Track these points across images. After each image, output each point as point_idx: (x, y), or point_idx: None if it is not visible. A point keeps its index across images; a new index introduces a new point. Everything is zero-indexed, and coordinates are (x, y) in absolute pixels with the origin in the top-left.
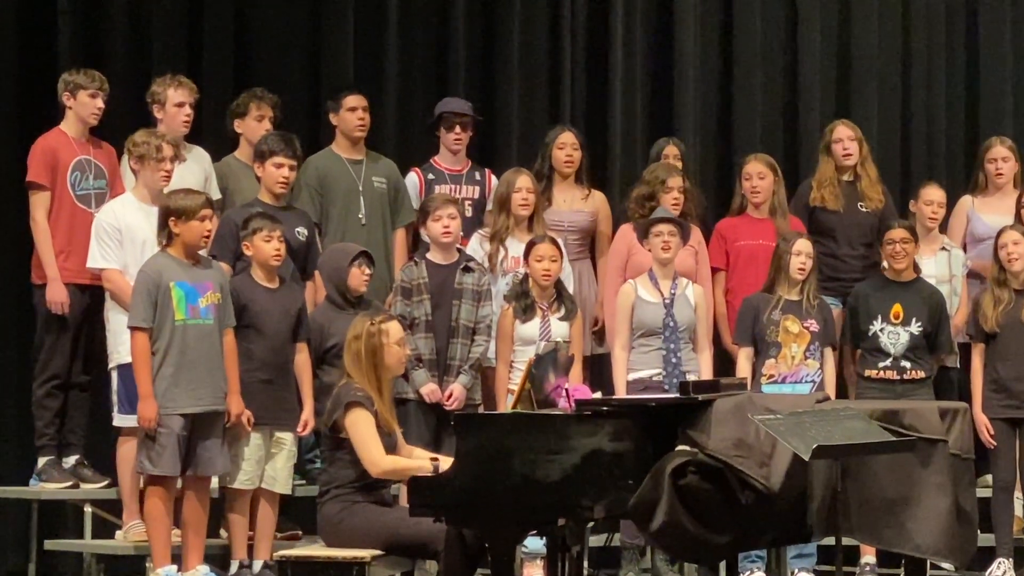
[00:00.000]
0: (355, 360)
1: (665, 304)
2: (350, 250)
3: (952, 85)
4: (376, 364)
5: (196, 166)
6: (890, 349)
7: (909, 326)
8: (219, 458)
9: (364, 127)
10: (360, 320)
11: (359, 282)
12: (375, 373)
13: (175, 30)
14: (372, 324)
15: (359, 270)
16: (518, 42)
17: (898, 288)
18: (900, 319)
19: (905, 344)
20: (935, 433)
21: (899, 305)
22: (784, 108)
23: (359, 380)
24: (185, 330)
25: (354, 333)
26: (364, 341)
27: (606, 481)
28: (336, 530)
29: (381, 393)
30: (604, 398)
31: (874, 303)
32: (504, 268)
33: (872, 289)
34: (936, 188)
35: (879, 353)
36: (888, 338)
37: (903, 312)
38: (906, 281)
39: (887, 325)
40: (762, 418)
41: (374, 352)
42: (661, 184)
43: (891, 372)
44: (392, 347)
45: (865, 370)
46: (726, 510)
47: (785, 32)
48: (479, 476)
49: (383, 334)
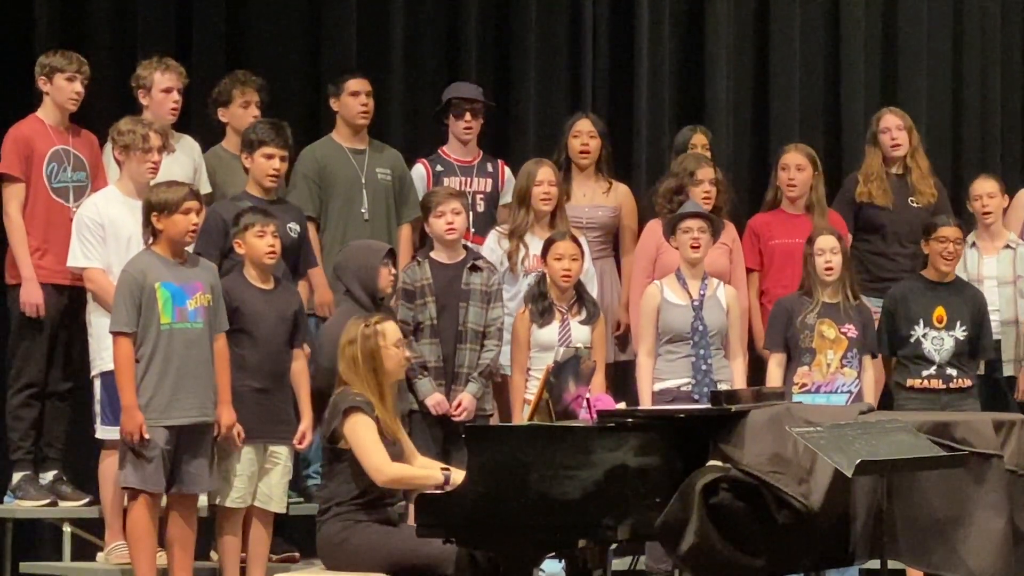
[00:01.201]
0: (352, 365)
1: (694, 307)
2: (378, 248)
3: (1008, 69)
4: (375, 368)
5: (185, 157)
6: (934, 356)
7: (954, 331)
8: (206, 474)
9: (367, 114)
10: (353, 322)
11: (387, 282)
12: (375, 378)
13: (162, 9)
14: (367, 326)
15: (387, 269)
16: (536, 22)
17: (939, 290)
18: (944, 323)
19: (951, 350)
20: (989, 447)
21: (942, 308)
22: (825, 95)
23: (357, 387)
24: (171, 335)
25: (348, 337)
26: (360, 344)
27: (630, 499)
28: (337, 551)
29: (383, 399)
30: (628, 409)
31: (915, 307)
32: (525, 267)
33: (911, 292)
34: (985, 179)
35: (922, 361)
36: (932, 344)
37: (946, 316)
38: (947, 283)
39: (930, 330)
40: (801, 431)
41: (372, 355)
42: (690, 176)
43: (936, 381)
44: (390, 349)
45: (907, 380)
46: (761, 531)
47: (826, 12)
48: (492, 493)
49: (379, 336)
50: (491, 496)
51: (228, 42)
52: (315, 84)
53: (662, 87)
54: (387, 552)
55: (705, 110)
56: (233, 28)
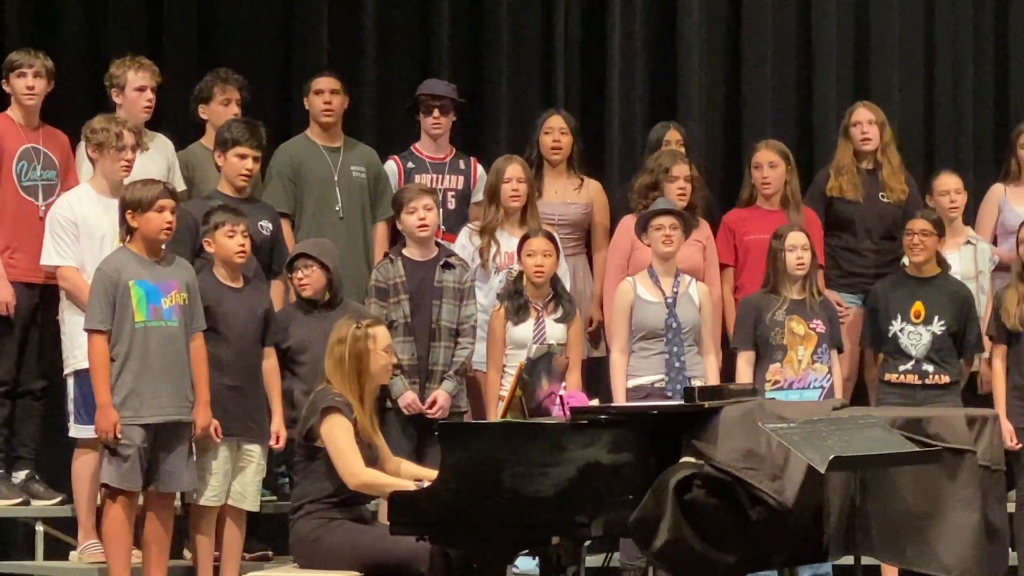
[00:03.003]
0: (338, 365)
1: (667, 303)
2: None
3: (980, 65)
4: (360, 371)
5: (159, 155)
6: (911, 351)
7: (931, 325)
8: (184, 473)
9: (331, 112)
10: (346, 322)
11: (296, 287)
12: (358, 380)
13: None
14: (358, 328)
15: (294, 275)
16: (508, 19)
17: (919, 284)
18: (921, 318)
19: (928, 345)
20: (962, 443)
21: (920, 303)
22: (797, 91)
23: (339, 387)
24: (146, 333)
25: (338, 336)
26: (349, 345)
27: (604, 496)
28: (310, 550)
29: (363, 402)
30: (602, 406)
31: (893, 301)
32: (497, 264)
33: (891, 286)
34: (949, 175)
35: (900, 355)
36: (909, 339)
37: (924, 310)
38: (928, 277)
39: (907, 325)
40: (774, 427)
41: (359, 357)
42: (665, 172)
43: (912, 376)
44: (379, 354)
45: (885, 374)
46: (735, 527)
47: (798, 7)
48: (466, 491)
49: (370, 339)
50: (464, 494)
51: (200, 41)
52: (286, 83)
53: (634, 83)
54: (360, 550)
55: (677, 107)
56: (205, 26)
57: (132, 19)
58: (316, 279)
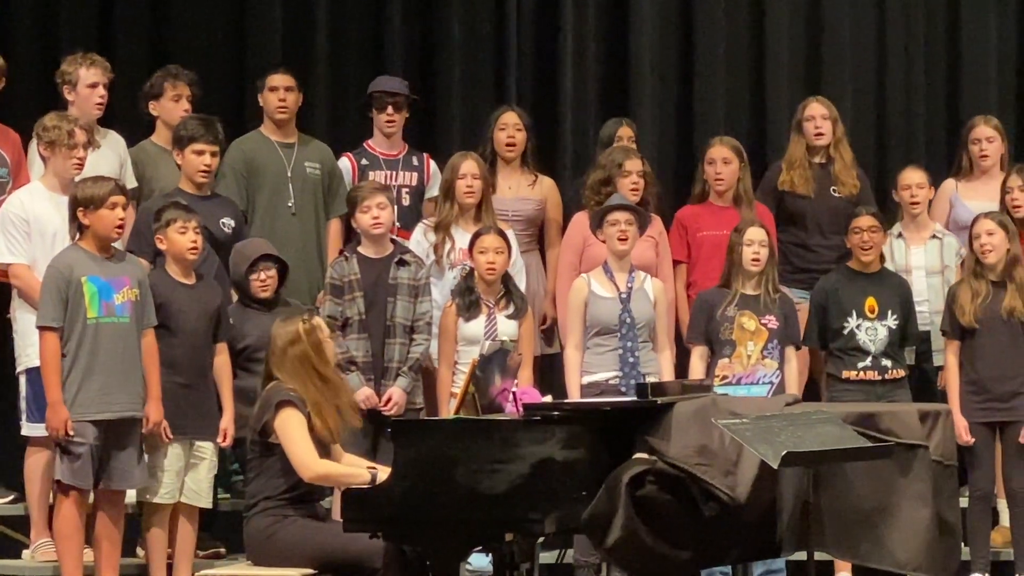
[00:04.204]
0: (302, 363)
1: (621, 299)
2: (249, 253)
3: (931, 60)
4: (324, 361)
5: (111, 152)
6: (870, 347)
7: (886, 320)
8: (136, 470)
9: (285, 109)
10: (290, 323)
11: (257, 288)
12: (321, 372)
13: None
14: (304, 323)
15: (256, 276)
16: (460, 15)
17: (867, 280)
18: (876, 313)
19: (884, 340)
20: (915, 438)
21: (873, 298)
22: (750, 87)
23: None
24: (98, 329)
25: (289, 338)
26: (307, 341)
27: (557, 492)
28: (264, 546)
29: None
30: (555, 402)
31: (845, 298)
32: (451, 261)
33: (840, 283)
34: (912, 170)
35: (857, 352)
36: (866, 335)
37: (878, 306)
38: (874, 272)
39: (863, 321)
40: (727, 423)
41: (318, 349)
42: (618, 168)
43: (872, 372)
44: (328, 342)
45: (842, 371)
46: (688, 523)
47: (751, 3)
48: (419, 488)
49: (318, 329)
50: (418, 490)
51: (151, 37)
52: (239, 79)
53: (586, 80)
54: (315, 547)
55: (630, 103)
56: (157, 23)
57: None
58: (275, 280)
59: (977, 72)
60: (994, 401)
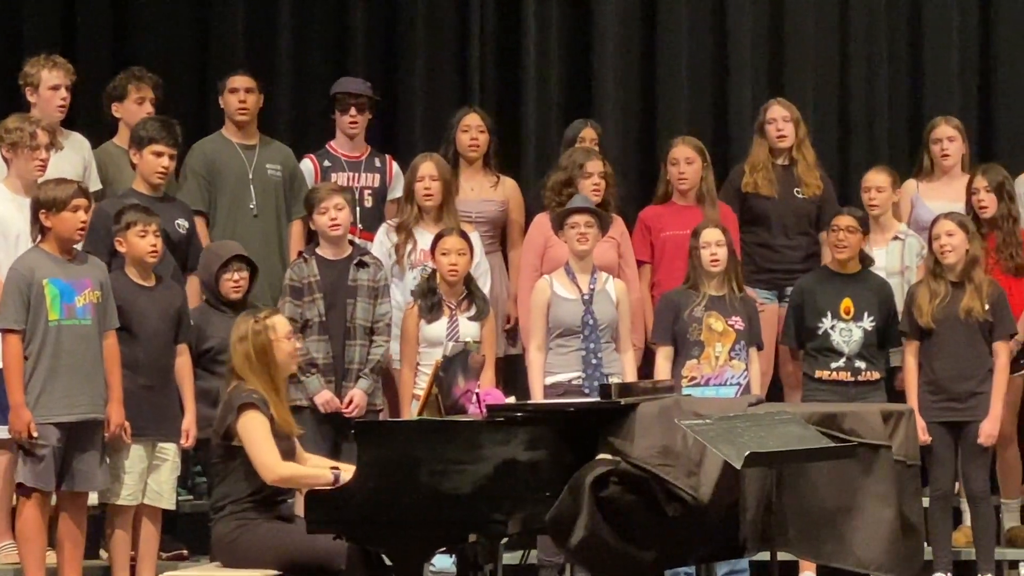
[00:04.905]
0: (245, 362)
1: (583, 301)
2: (222, 253)
3: (894, 62)
4: (268, 363)
5: (74, 154)
6: (843, 348)
7: (861, 322)
8: (98, 472)
9: (245, 111)
10: (243, 320)
11: (229, 289)
12: (268, 373)
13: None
14: (256, 322)
15: (229, 276)
16: (423, 16)
17: (845, 281)
18: (851, 314)
19: (859, 341)
20: (878, 438)
21: (849, 299)
22: (712, 87)
23: (252, 383)
24: (59, 331)
25: (239, 335)
26: (251, 341)
27: (521, 493)
28: (231, 549)
29: (278, 393)
30: (518, 403)
31: (821, 298)
32: (412, 262)
33: (817, 283)
34: (876, 172)
35: (831, 353)
36: (840, 336)
37: (854, 307)
38: (852, 273)
39: (838, 322)
40: (690, 423)
41: (264, 350)
42: (579, 169)
43: (845, 373)
44: (281, 342)
45: (816, 371)
46: (652, 524)
47: (713, 4)
48: (382, 489)
49: (269, 330)
50: (381, 492)
51: (114, 39)
52: (201, 81)
53: (549, 81)
54: (281, 549)
55: (593, 104)
56: (119, 25)
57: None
58: (247, 281)
59: (939, 72)
60: (952, 401)
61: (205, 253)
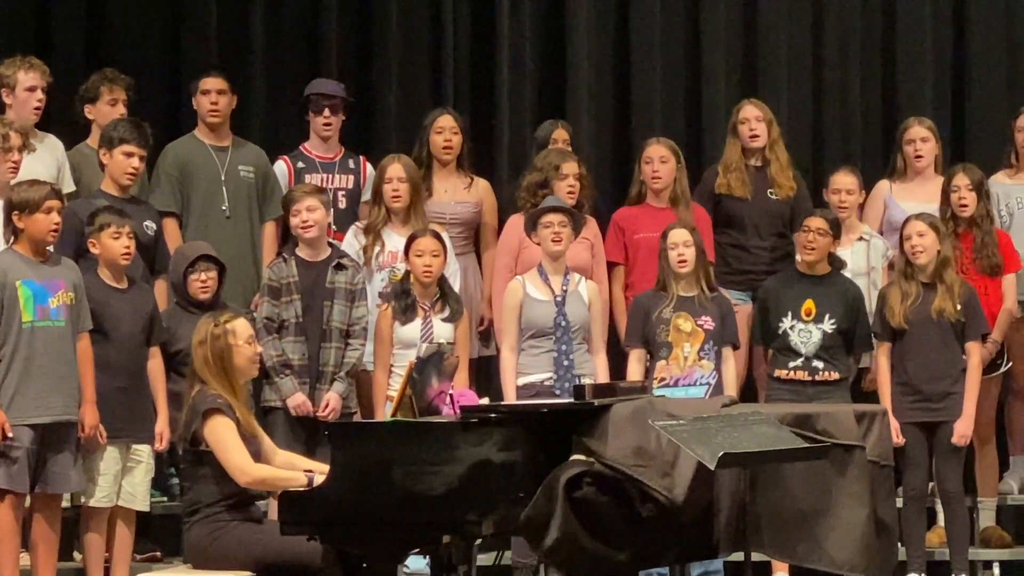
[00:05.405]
0: (204, 365)
1: (556, 302)
2: (189, 254)
3: (867, 62)
4: (227, 367)
5: (48, 156)
6: (801, 348)
7: (822, 324)
8: (72, 473)
9: (217, 112)
10: (204, 322)
11: (196, 289)
12: (227, 377)
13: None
14: (216, 325)
15: (197, 277)
16: (396, 18)
17: (811, 283)
18: (812, 316)
19: (817, 343)
20: (851, 438)
21: (811, 301)
22: (686, 90)
23: (213, 387)
24: (33, 333)
25: (199, 338)
26: (210, 345)
27: (495, 494)
28: (206, 553)
29: (237, 397)
30: (492, 404)
31: (784, 299)
32: (380, 263)
33: (782, 284)
34: (845, 174)
35: (790, 352)
36: (799, 336)
37: (815, 309)
38: (820, 275)
39: (798, 322)
40: (664, 424)
41: (222, 355)
42: (555, 171)
43: (802, 373)
44: (240, 347)
45: (775, 370)
46: (625, 524)
47: (687, 5)
48: (356, 490)
49: (229, 334)
50: (355, 493)
51: (88, 40)
52: (175, 82)
53: (523, 82)
54: (256, 551)
55: (566, 105)
56: (93, 26)
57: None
58: (214, 281)
59: (913, 73)
60: (925, 402)
61: (174, 254)
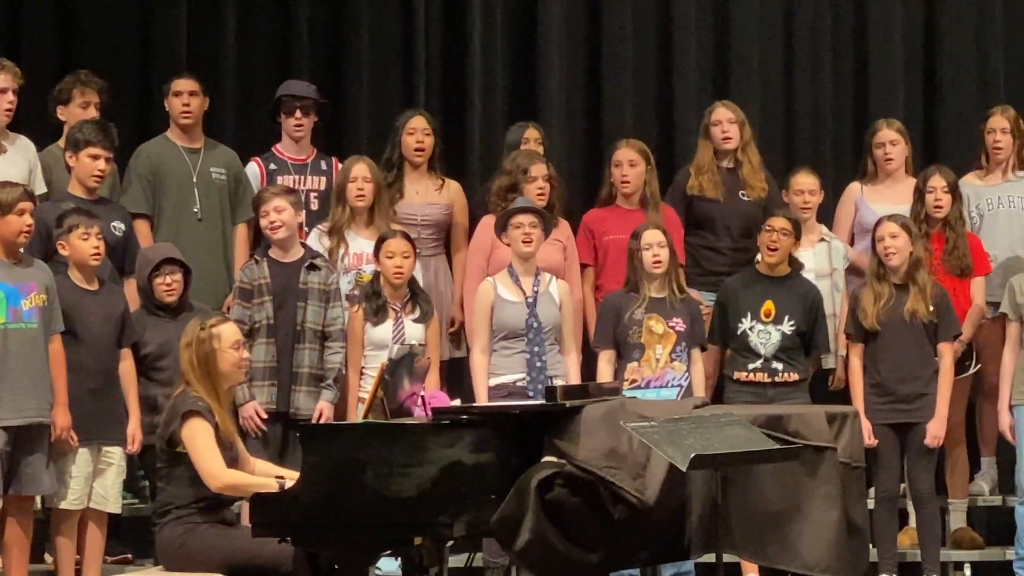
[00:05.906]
0: (189, 367)
1: (527, 303)
2: (153, 257)
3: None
4: (210, 372)
5: (19, 157)
6: (760, 349)
7: (781, 325)
8: (45, 475)
9: (189, 114)
10: (192, 325)
11: (162, 292)
12: (210, 381)
13: None
14: (203, 329)
15: (162, 280)
16: (368, 19)
17: (770, 284)
18: (771, 317)
19: (776, 344)
20: (822, 440)
21: (771, 302)
22: (657, 92)
23: (196, 389)
24: (6, 335)
25: (186, 340)
26: (195, 348)
27: (466, 496)
28: (177, 555)
29: (220, 402)
30: (463, 406)
31: (744, 300)
32: (346, 265)
33: (742, 284)
34: (806, 174)
35: (749, 353)
36: (758, 337)
37: (775, 310)
38: (780, 276)
39: (757, 324)
40: (635, 426)
41: (206, 359)
42: (524, 173)
43: (761, 374)
44: (226, 352)
45: (734, 372)
46: (597, 526)
47: (658, 7)
48: (327, 492)
49: (215, 339)
50: (326, 495)
51: (59, 41)
52: (146, 84)
53: (495, 84)
54: (228, 553)
55: (538, 107)
56: (64, 27)
57: None
58: (180, 284)
59: (884, 75)
60: (898, 403)
61: (139, 257)
